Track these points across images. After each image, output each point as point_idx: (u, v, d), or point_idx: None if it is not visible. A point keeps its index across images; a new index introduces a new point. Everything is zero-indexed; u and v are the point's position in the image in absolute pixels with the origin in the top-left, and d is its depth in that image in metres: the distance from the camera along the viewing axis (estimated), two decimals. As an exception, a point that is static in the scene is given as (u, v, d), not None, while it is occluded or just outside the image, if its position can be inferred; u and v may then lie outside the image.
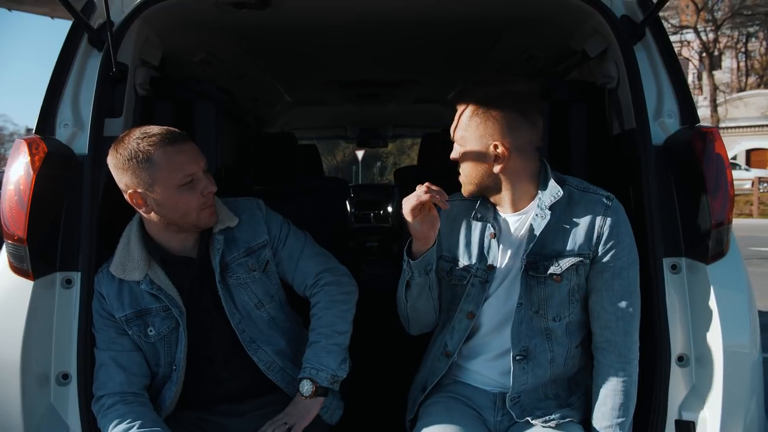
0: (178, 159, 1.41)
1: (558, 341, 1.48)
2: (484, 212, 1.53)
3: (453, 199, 1.60)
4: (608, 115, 1.83)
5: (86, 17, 1.67)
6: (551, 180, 1.48)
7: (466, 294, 1.52)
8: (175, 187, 1.42)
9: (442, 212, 1.57)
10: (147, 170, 1.41)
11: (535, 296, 1.47)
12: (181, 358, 1.51)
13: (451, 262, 1.55)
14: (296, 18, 1.99)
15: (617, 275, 1.45)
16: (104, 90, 1.63)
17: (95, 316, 1.52)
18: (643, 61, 1.68)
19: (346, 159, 33.35)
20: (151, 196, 1.43)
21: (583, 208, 1.46)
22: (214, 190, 1.47)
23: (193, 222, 1.47)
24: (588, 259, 1.45)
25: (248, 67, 2.69)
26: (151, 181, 1.41)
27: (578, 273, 1.45)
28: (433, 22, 2.12)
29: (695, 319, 1.54)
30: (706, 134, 1.55)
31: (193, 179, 1.44)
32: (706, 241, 1.51)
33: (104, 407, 1.46)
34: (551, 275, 1.45)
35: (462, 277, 1.53)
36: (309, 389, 1.47)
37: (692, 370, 1.54)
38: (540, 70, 2.47)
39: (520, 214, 1.50)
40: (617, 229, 1.44)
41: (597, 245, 1.44)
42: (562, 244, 1.46)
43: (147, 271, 1.50)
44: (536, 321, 1.47)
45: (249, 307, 1.57)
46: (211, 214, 1.50)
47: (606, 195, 1.47)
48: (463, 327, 1.53)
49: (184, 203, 1.43)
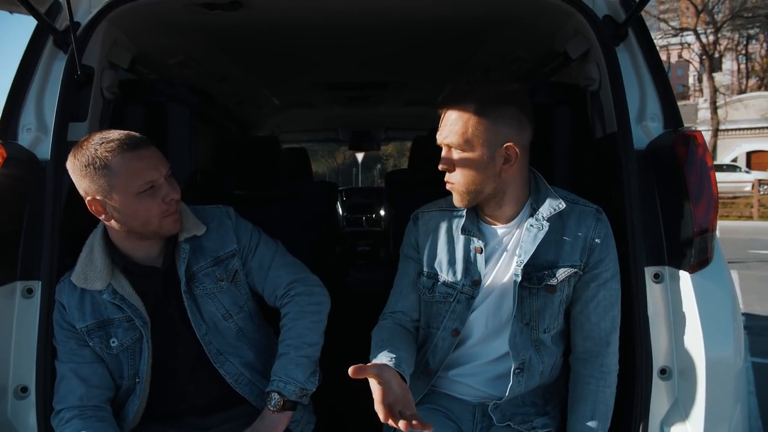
0: (137, 165, 1.36)
1: (547, 352, 1.46)
2: (469, 224, 1.46)
3: (430, 209, 1.55)
4: (590, 118, 1.77)
5: (52, 18, 1.62)
6: (549, 189, 1.44)
7: (451, 311, 1.46)
8: (134, 195, 1.37)
9: (420, 227, 1.53)
10: (104, 177, 1.35)
11: (526, 308, 1.42)
12: (144, 370, 1.46)
13: (432, 278, 1.49)
14: (273, 18, 1.94)
15: (602, 286, 1.43)
16: (68, 93, 1.57)
17: (56, 327, 1.46)
18: (626, 63, 1.63)
19: (346, 161, 33.33)
20: (110, 203, 1.38)
21: (575, 219, 1.43)
22: (177, 197, 1.42)
23: (155, 230, 1.42)
24: (580, 271, 1.42)
25: (229, 70, 2.64)
26: (109, 188, 1.36)
27: (569, 284, 1.43)
28: (414, 23, 2.08)
29: (678, 330, 1.48)
30: (689, 138, 1.49)
31: (154, 186, 1.39)
32: (689, 249, 1.46)
33: (62, 421, 1.41)
34: (546, 286, 1.41)
35: (447, 294, 1.46)
36: (276, 403, 1.42)
37: (675, 383, 1.48)
38: (526, 72, 2.42)
39: (509, 226, 1.45)
40: (607, 241, 1.43)
41: (589, 257, 1.42)
42: (555, 255, 1.42)
43: (110, 281, 1.45)
44: (526, 333, 1.43)
45: (216, 318, 1.52)
46: (175, 221, 1.44)
47: (596, 207, 1.46)
48: (446, 345, 1.48)
49: (144, 211, 1.38)
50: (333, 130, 4.92)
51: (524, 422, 1.45)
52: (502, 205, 1.43)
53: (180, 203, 1.52)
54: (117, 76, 1.76)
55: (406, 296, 1.54)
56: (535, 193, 1.45)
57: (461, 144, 1.37)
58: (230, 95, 3.08)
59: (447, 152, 1.40)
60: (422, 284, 1.50)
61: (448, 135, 1.38)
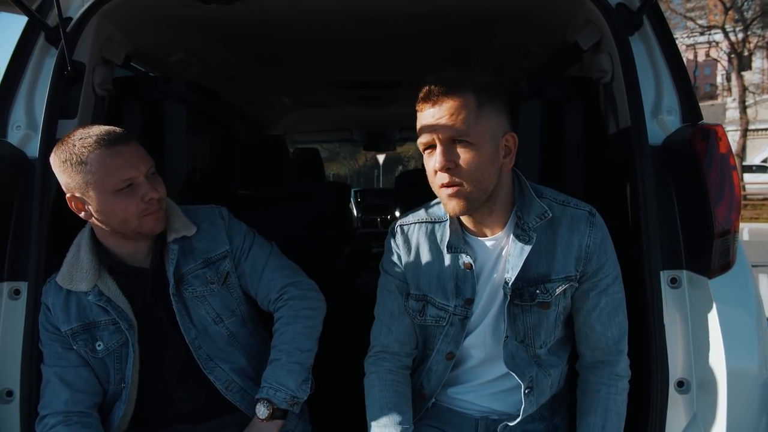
0: (113, 163, 1.30)
1: (551, 364, 1.36)
2: (455, 239, 1.33)
3: (410, 221, 1.41)
4: (604, 112, 1.67)
5: (44, 14, 1.59)
6: (533, 196, 1.30)
7: (444, 334, 1.35)
8: (111, 193, 1.31)
9: (400, 243, 1.40)
10: (81, 173, 1.30)
11: (520, 325, 1.32)
12: (130, 375, 1.41)
13: (422, 300, 1.37)
14: (272, 12, 1.88)
15: (603, 293, 1.32)
16: (58, 90, 1.54)
17: (41, 329, 1.42)
18: (640, 53, 1.53)
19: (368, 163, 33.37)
20: (88, 201, 1.33)
21: (567, 225, 1.29)
22: (157, 196, 1.35)
23: (135, 229, 1.36)
24: (576, 282, 1.30)
25: (235, 68, 2.60)
26: (85, 185, 1.31)
27: (566, 296, 1.31)
28: (422, 15, 2.00)
29: (697, 340, 1.38)
30: (708, 132, 1.39)
31: (133, 184, 1.33)
32: (708, 252, 1.36)
33: (47, 427, 1.36)
34: (539, 303, 1.30)
35: (439, 317, 1.35)
36: (265, 411, 1.35)
37: (693, 396, 1.38)
38: (539, 66, 2.32)
39: (497, 237, 1.32)
40: (603, 246, 1.30)
41: (585, 266, 1.29)
42: (546, 266, 1.29)
43: (96, 282, 1.40)
44: (522, 351, 1.33)
45: (206, 322, 1.46)
46: (156, 220, 1.38)
47: (588, 209, 1.31)
48: (441, 368, 1.38)
49: (120, 209, 1.32)
50: (346, 130, 4.87)
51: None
52: (492, 212, 1.29)
53: (169, 202, 1.47)
54: (111, 72, 1.72)
55: (399, 318, 1.39)
56: (520, 198, 1.31)
57: (467, 136, 1.20)
58: (240, 94, 3.04)
59: (446, 149, 1.21)
60: (410, 307, 1.38)
61: (450, 128, 1.19)
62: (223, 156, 2.62)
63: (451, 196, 1.23)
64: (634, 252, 1.45)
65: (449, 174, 1.21)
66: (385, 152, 8.34)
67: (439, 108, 1.20)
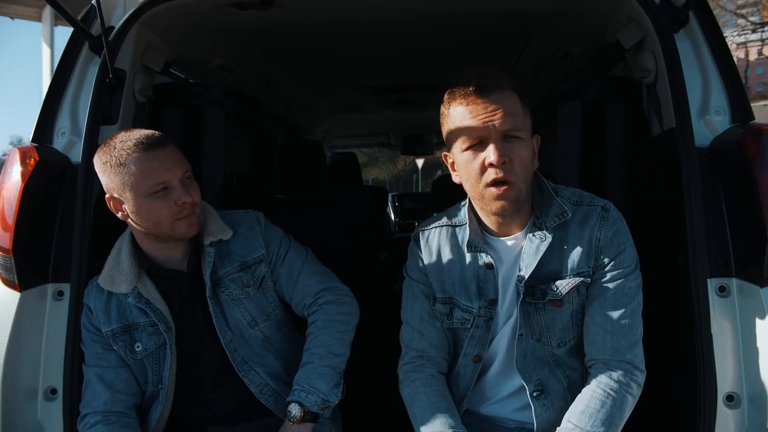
0: (148, 166, 1.33)
1: (568, 365, 1.32)
2: (474, 239, 1.33)
3: (429, 226, 1.41)
4: (647, 113, 1.61)
5: (88, 24, 1.64)
6: (552, 195, 1.29)
7: (470, 336, 1.34)
8: (145, 195, 1.34)
9: (422, 247, 1.40)
10: (119, 175, 1.34)
11: (534, 323, 1.30)
12: (167, 376, 1.43)
13: (448, 303, 1.36)
14: (308, 17, 1.89)
15: (616, 290, 1.26)
16: (100, 97, 1.58)
17: (83, 330, 1.46)
18: (687, 51, 1.47)
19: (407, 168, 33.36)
20: (125, 202, 1.36)
21: (578, 223, 1.28)
22: (190, 201, 1.37)
23: (168, 232, 1.38)
24: (589, 278, 1.27)
25: (273, 73, 2.63)
26: (122, 187, 1.34)
27: (579, 293, 1.28)
28: (459, 17, 1.98)
29: (748, 352, 1.31)
30: (761, 133, 1.32)
31: (167, 187, 1.35)
32: (761, 259, 1.29)
33: (87, 426, 1.40)
34: (551, 301, 1.27)
35: (464, 320, 1.34)
36: (297, 414, 1.35)
37: (744, 411, 1.31)
38: (578, 68, 2.26)
39: (517, 237, 1.31)
40: (617, 240, 1.27)
41: (597, 261, 1.27)
42: (558, 264, 1.28)
43: (136, 284, 1.43)
44: (539, 350, 1.31)
45: (242, 325, 1.47)
46: (189, 225, 1.40)
47: (602, 204, 1.29)
48: (469, 372, 1.37)
49: (155, 212, 1.35)
50: (384, 134, 4.86)
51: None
52: (520, 211, 1.28)
53: (206, 206, 1.49)
54: (151, 79, 1.76)
55: (430, 323, 1.39)
56: (539, 198, 1.30)
57: (521, 130, 1.20)
58: (277, 100, 3.07)
59: (500, 143, 1.19)
60: (438, 311, 1.37)
61: (508, 121, 1.17)
62: (260, 160, 2.65)
63: (501, 195, 1.21)
64: (680, 259, 1.38)
65: (504, 169, 1.19)
66: (424, 156, 8.30)
67: (495, 100, 1.19)
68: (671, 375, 1.42)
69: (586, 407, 1.20)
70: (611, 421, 1.19)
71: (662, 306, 1.43)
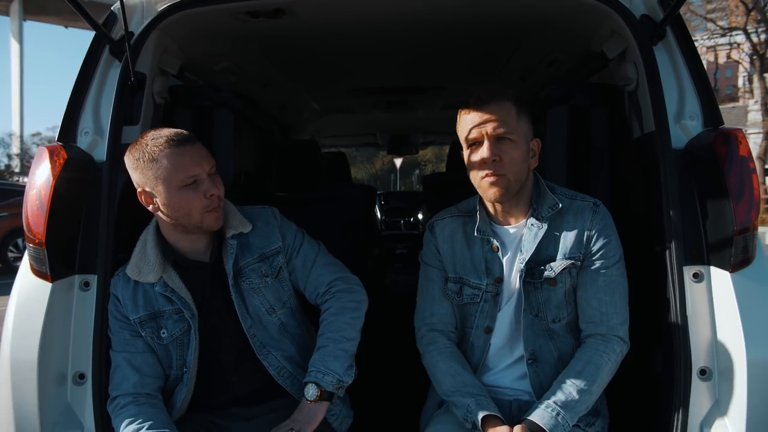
0: (180, 160, 1.44)
1: (562, 339, 1.52)
2: (483, 226, 1.54)
3: (443, 216, 1.63)
4: (628, 118, 1.77)
5: (108, 29, 1.73)
6: (547, 191, 1.52)
7: (480, 310, 1.54)
8: (177, 188, 1.45)
9: (438, 235, 1.61)
10: (152, 169, 1.44)
11: (533, 300, 1.50)
12: (191, 361, 1.53)
13: (459, 282, 1.57)
14: (314, 26, 2.01)
15: (602, 273, 1.48)
16: (123, 99, 1.67)
17: (110, 318, 1.55)
18: (664, 62, 1.62)
19: (385, 167, 33.42)
20: (157, 195, 1.47)
21: (573, 215, 1.50)
22: (218, 193, 1.49)
23: (197, 223, 1.49)
24: (579, 261, 1.49)
25: (272, 76, 2.73)
26: (155, 180, 1.45)
27: (571, 275, 1.49)
28: (452, 27, 2.11)
29: (719, 331, 1.46)
30: (729, 136, 1.48)
31: (196, 180, 1.46)
32: (729, 248, 1.44)
33: (118, 407, 1.49)
34: (546, 279, 1.48)
35: (474, 296, 1.55)
36: (314, 393, 1.46)
37: (715, 384, 1.46)
38: (564, 73, 2.42)
39: (518, 226, 1.53)
40: (605, 232, 1.49)
41: (587, 247, 1.48)
42: (554, 249, 1.49)
43: (161, 274, 1.53)
44: (537, 324, 1.51)
45: (260, 312, 1.58)
46: (217, 218, 1.51)
47: (593, 201, 1.52)
48: (481, 343, 1.56)
49: (186, 204, 1.46)
50: (371, 134, 4.98)
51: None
52: (519, 203, 1.52)
53: (226, 202, 1.60)
54: (167, 82, 1.86)
55: (440, 302, 1.60)
56: (536, 193, 1.53)
57: (511, 133, 1.44)
58: (273, 100, 3.17)
59: (493, 143, 1.45)
60: (449, 289, 1.58)
61: (498, 126, 1.44)
62: (262, 159, 2.75)
63: (493, 184, 1.46)
64: (658, 249, 1.54)
65: (494, 165, 1.45)
66: (408, 157, 8.44)
67: (488, 110, 1.45)
68: (651, 351, 1.57)
69: (577, 366, 1.43)
70: (594, 379, 1.41)
71: (644, 290, 1.58)
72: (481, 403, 1.41)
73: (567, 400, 1.37)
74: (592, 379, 1.40)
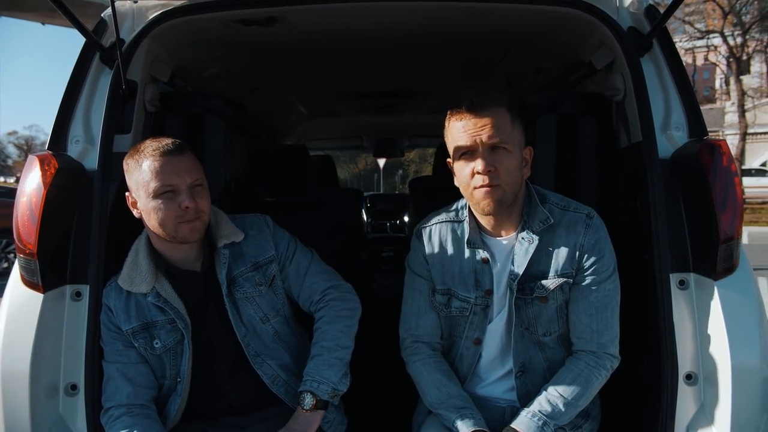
0: (160, 169, 1.45)
1: (552, 351, 1.51)
2: (474, 236, 1.50)
3: (431, 222, 1.58)
4: (615, 127, 1.81)
5: (98, 36, 1.71)
6: (538, 203, 1.47)
7: (469, 322, 1.52)
8: (152, 196, 1.45)
9: (425, 242, 1.56)
10: (136, 175, 1.47)
11: (523, 315, 1.48)
12: (185, 370, 1.53)
13: (447, 294, 1.53)
14: (305, 33, 2.01)
15: (594, 289, 1.46)
16: (114, 107, 1.66)
17: (103, 329, 1.55)
18: (651, 74, 1.66)
19: (368, 167, 33.34)
20: (138, 200, 1.49)
21: (565, 228, 1.46)
22: (192, 206, 1.46)
23: (170, 233, 1.48)
24: (571, 278, 1.46)
25: (261, 81, 2.73)
26: (137, 186, 1.47)
27: (563, 291, 1.47)
28: (440, 35, 2.13)
29: (704, 336, 1.50)
30: (714, 147, 1.52)
31: (174, 191, 1.46)
32: (714, 256, 1.48)
33: (111, 418, 1.48)
34: (538, 297, 1.46)
35: (463, 308, 1.52)
36: (310, 402, 1.47)
37: (701, 388, 1.50)
38: (551, 81, 2.45)
39: (510, 237, 1.49)
40: (598, 246, 1.46)
41: (579, 263, 1.45)
42: (545, 264, 1.46)
43: (154, 284, 1.53)
44: (527, 337, 1.49)
45: (254, 321, 1.59)
46: (190, 230, 1.49)
47: (587, 212, 1.48)
48: (471, 353, 1.54)
49: (160, 212, 1.46)
50: (357, 137, 4.99)
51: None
52: (511, 214, 1.47)
53: (217, 211, 1.60)
54: (158, 89, 1.85)
55: (426, 314, 1.56)
56: (528, 204, 1.48)
57: (507, 142, 1.38)
58: (261, 105, 3.16)
59: (487, 152, 1.37)
60: (437, 301, 1.54)
61: (493, 134, 1.36)
62: (251, 165, 2.75)
63: (487, 195, 1.39)
64: (645, 257, 1.57)
65: (489, 176, 1.38)
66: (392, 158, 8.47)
67: (482, 117, 1.37)
68: (639, 357, 1.61)
69: (567, 379, 1.43)
70: (582, 394, 1.41)
71: (631, 297, 1.61)
72: (465, 417, 1.40)
73: (553, 411, 1.38)
74: (579, 393, 1.41)
